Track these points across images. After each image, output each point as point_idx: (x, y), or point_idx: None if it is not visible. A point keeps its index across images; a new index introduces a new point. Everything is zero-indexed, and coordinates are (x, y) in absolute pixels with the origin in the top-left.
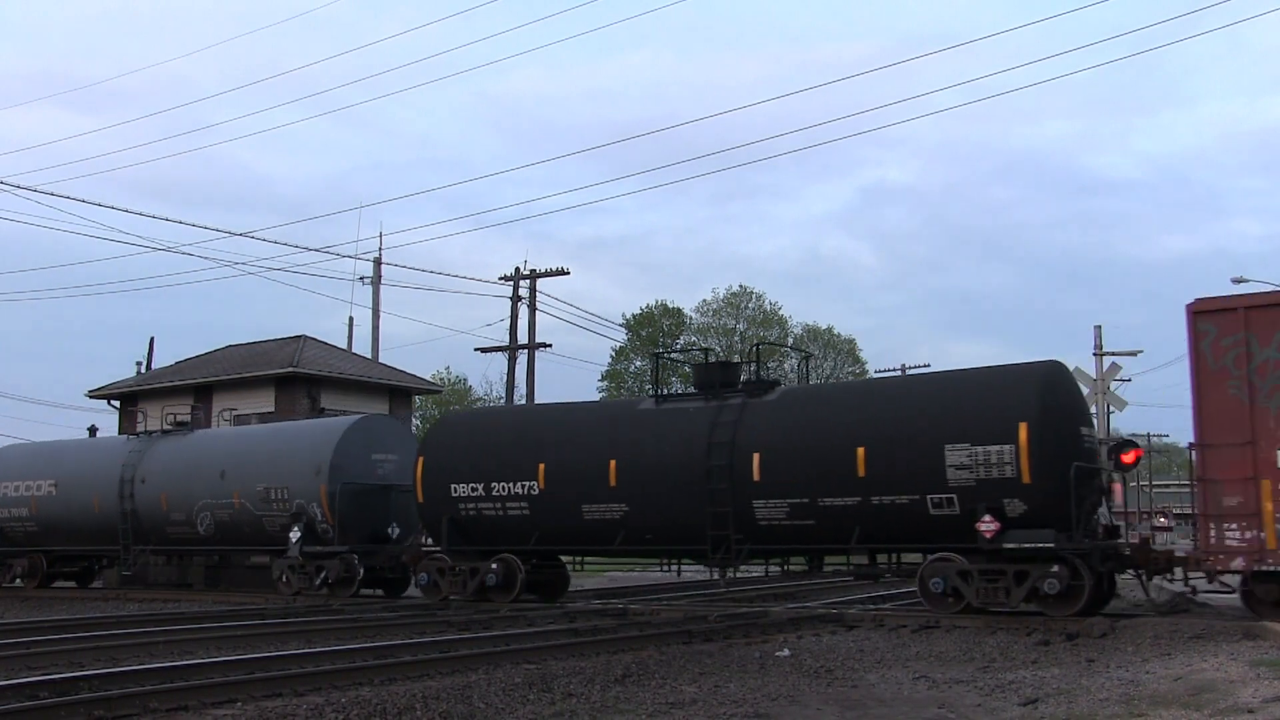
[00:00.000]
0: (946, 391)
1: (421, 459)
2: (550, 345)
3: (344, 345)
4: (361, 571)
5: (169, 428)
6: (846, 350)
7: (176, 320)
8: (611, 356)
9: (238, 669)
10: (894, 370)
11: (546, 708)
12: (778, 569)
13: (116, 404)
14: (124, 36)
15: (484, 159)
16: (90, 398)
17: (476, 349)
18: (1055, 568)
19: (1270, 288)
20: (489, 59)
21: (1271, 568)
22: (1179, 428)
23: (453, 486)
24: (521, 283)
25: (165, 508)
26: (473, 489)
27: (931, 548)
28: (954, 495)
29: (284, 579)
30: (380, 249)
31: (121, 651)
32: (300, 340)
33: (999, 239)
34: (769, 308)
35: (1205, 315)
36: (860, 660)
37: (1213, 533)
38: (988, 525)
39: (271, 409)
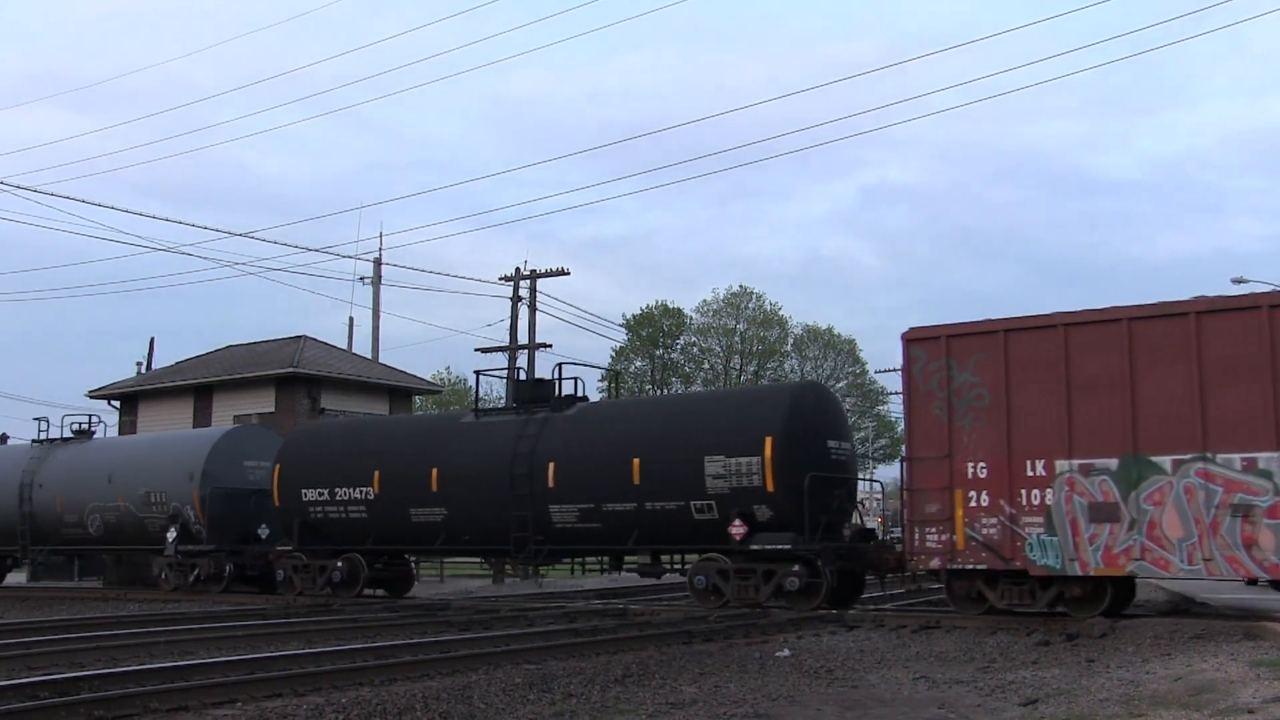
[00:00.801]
0: (709, 408)
1: (278, 466)
2: (550, 345)
3: (344, 345)
4: (230, 568)
5: (69, 435)
6: (847, 350)
7: (177, 320)
8: (612, 357)
9: (238, 669)
10: (894, 370)
11: (546, 708)
12: (595, 569)
13: (116, 404)
14: (124, 36)
15: (484, 159)
16: (90, 398)
17: (476, 349)
18: (796, 567)
19: (1270, 287)
20: (489, 59)
21: (961, 565)
22: None
23: (303, 491)
24: (522, 283)
25: (60, 510)
26: (320, 494)
27: (698, 549)
28: (713, 501)
29: (163, 575)
30: (380, 249)
31: (121, 651)
32: (300, 340)
33: (1000, 239)
34: (769, 308)
35: (915, 343)
36: (860, 660)
37: (916, 536)
38: (737, 529)
39: (272, 409)
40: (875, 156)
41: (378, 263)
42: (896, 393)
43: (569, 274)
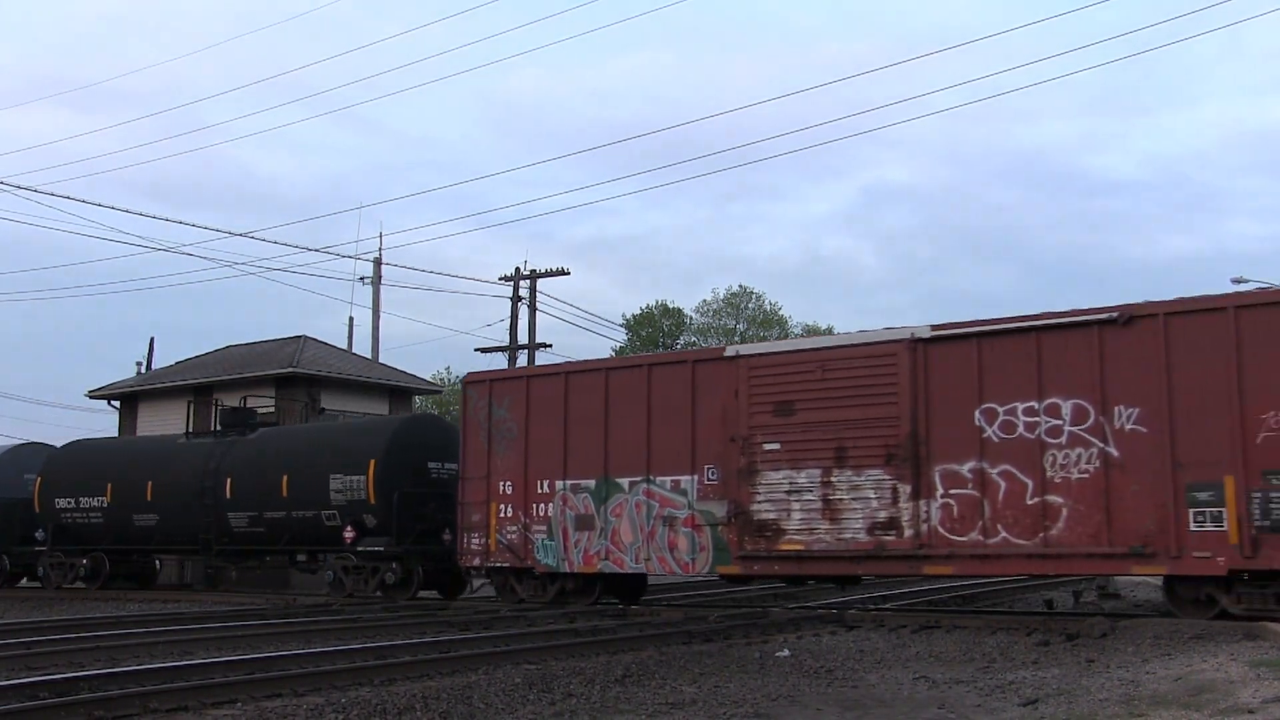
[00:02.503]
0: (335, 436)
1: (40, 478)
2: (550, 345)
3: (344, 345)
4: (7, 564)
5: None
6: None
7: (177, 320)
8: (612, 356)
9: (238, 669)
10: None
11: (547, 708)
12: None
13: (116, 404)
14: (124, 36)
15: (484, 159)
16: (90, 397)
17: (476, 349)
18: (393, 565)
19: (1271, 286)
20: (489, 59)
21: (495, 564)
22: None
23: (56, 500)
24: (522, 283)
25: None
26: (69, 502)
27: (332, 549)
28: (336, 511)
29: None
30: (380, 249)
31: (121, 651)
32: (300, 340)
33: (1000, 239)
34: (769, 308)
35: (470, 385)
36: (860, 660)
37: (464, 540)
38: (349, 533)
39: (271, 409)
40: (875, 156)
41: (378, 262)
42: None
43: (569, 274)
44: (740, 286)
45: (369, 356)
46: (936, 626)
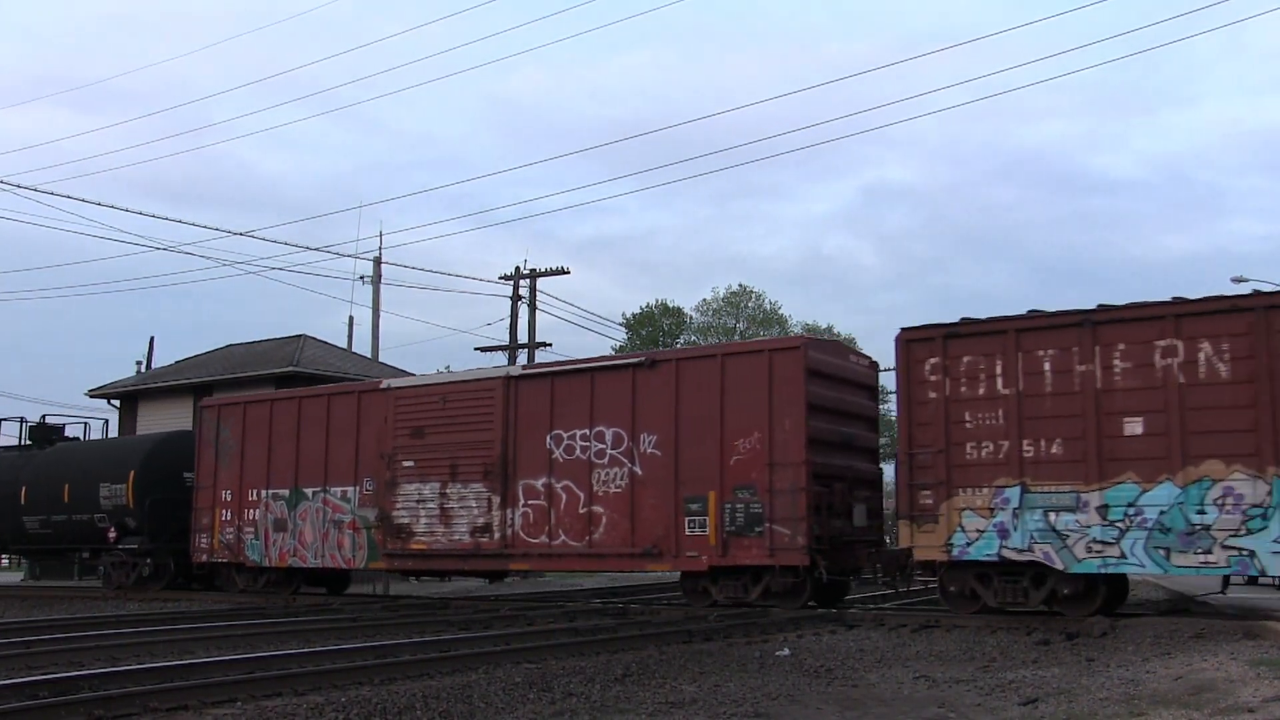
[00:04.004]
0: (106, 450)
1: None
2: (550, 344)
3: (344, 345)
4: None
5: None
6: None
7: (177, 320)
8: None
9: (237, 668)
10: (889, 370)
11: (547, 707)
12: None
13: (117, 404)
14: (124, 36)
15: (484, 159)
16: (90, 397)
17: (476, 348)
18: (147, 560)
19: (1272, 287)
20: (489, 59)
21: (217, 559)
22: None
23: None
24: (522, 282)
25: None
26: None
27: (105, 548)
28: (105, 515)
29: None
30: (380, 248)
31: (121, 651)
32: (300, 340)
33: (1000, 239)
34: (769, 307)
35: (204, 409)
36: (860, 660)
37: (195, 539)
38: (111, 534)
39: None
40: (875, 156)
41: (378, 262)
42: (894, 392)
43: (569, 273)
44: (740, 286)
45: (369, 356)
46: (936, 625)
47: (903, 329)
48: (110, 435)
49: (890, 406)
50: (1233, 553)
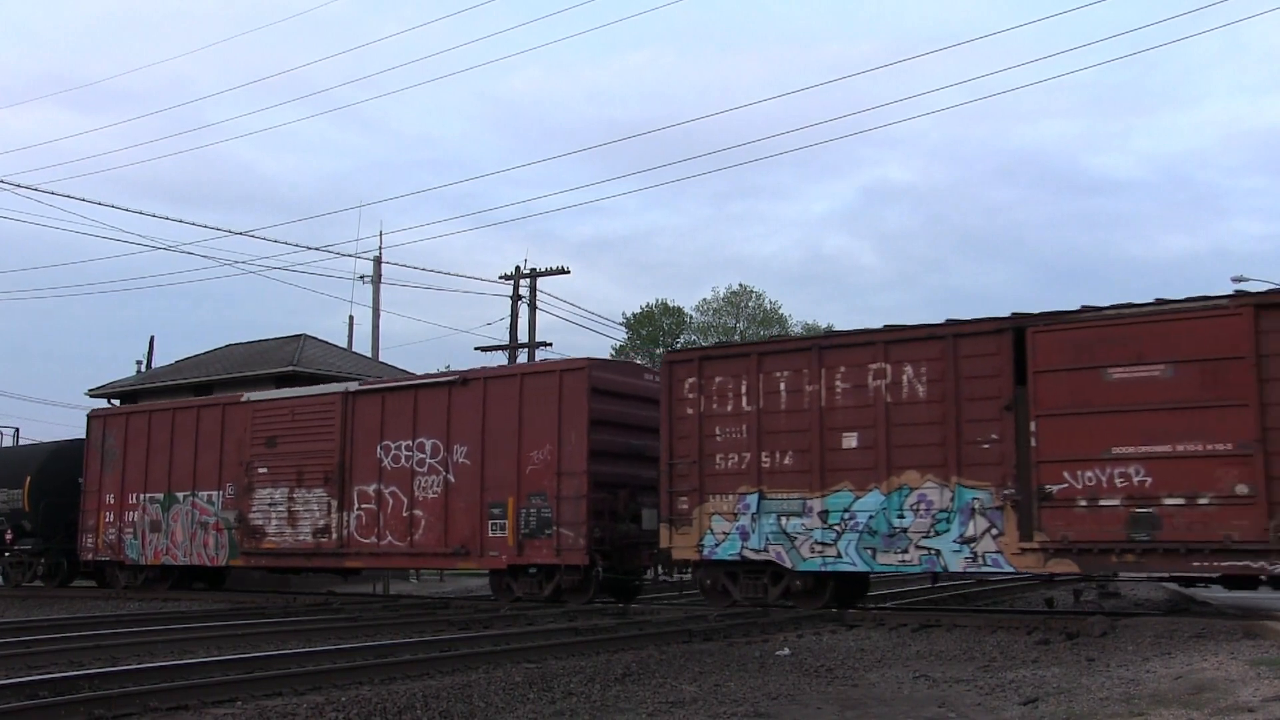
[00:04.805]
0: (6, 456)
1: None
2: (550, 344)
3: (344, 344)
4: None
5: None
6: None
7: (177, 319)
8: (612, 355)
9: (238, 668)
10: None
11: (547, 706)
12: None
13: (117, 403)
14: (124, 36)
15: (484, 158)
16: (90, 397)
17: (476, 348)
18: (41, 560)
19: (1272, 286)
20: (489, 59)
21: (101, 557)
22: None
23: None
24: (522, 282)
25: None
26: None
27: (2, 549)
28: (3, 518)
29: None
30: (380, 248)
31: (121, 650)
32: (300, 339)
33: (1000, 239)
34: (769, 307)
35: (91, 419)
36: (860, 659)
37: (82, 539)
38: (9, 536)
39: None
40: (875, 156)
41: (378, 261)
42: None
43: (569, 273)
44: (740, 285)
45: (369, 355)
46: (936, 625)
47: (667, 352)
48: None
49: None
50: (924, 552)
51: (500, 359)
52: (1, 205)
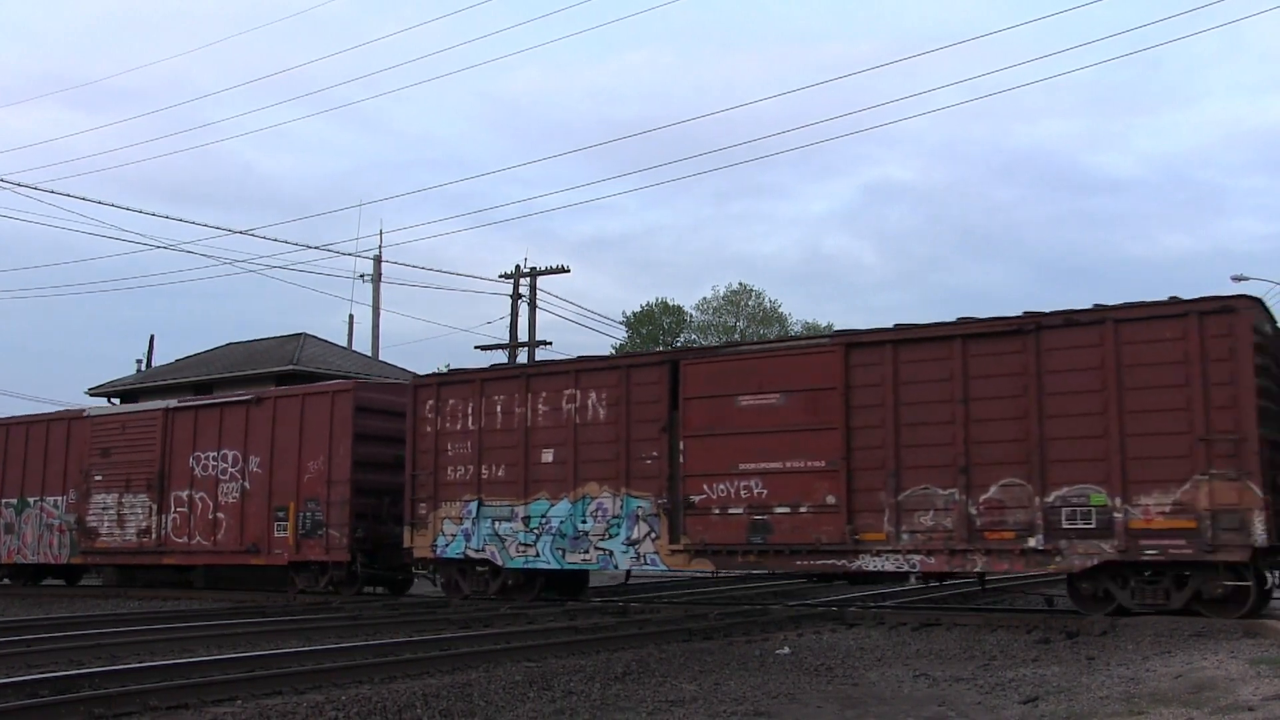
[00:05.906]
0: None
1: None
2: (550, 343)
3: (344, 343)
4: None
5: None
6: None
7: (177, 318)
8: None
9: (238, 667)
10: None
11: (547, 705)
12: None
13: (117, 402)
14: (124, 36)
15: (484, 157)
16: (90, 396)
17: (477, 347)
18: None
19: (1271, 287)
20: (489, 59)
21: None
22: None
23: None
24: (522, 280)
25: None
26: None
27: None
28: None
29: None
30: (380, 247)
31: (121, 649)
32: (300, 338)
33: (1000, 238)
34: (769, 305)
35: None
36: (860, 658)
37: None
38: None
39: None
40: (875, 155)
41: (378, 260)
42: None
43: (569, 271)
44: (740, 284)
45: (369, 354)
46: (936, 624)
47: (415, 377)
48: None
49: None
50: (601, 552)
51: (500, 358)
52: (2, 204)
